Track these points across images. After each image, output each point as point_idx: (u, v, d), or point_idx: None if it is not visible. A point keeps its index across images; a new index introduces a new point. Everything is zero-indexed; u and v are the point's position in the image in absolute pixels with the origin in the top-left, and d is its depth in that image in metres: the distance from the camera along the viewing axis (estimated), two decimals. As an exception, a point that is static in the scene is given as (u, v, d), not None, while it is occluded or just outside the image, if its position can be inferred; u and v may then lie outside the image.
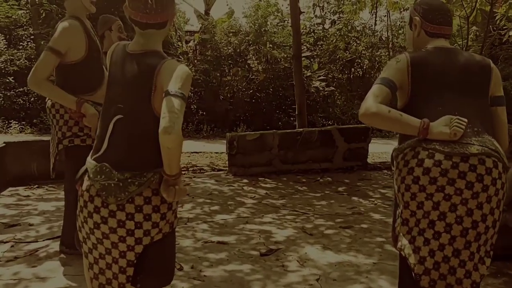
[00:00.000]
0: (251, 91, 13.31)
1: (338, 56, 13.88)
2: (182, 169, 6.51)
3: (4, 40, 11.39)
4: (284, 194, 5.31)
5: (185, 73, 1.73)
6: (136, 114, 1.78)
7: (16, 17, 11.89)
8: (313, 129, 6.61)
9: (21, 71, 10.91)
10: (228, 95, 13.27)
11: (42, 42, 11.03)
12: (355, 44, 14.13)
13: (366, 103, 1.90)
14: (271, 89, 13.54)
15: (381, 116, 1.86)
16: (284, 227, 4.13)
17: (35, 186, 5.36)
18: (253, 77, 13.47)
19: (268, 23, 13.90)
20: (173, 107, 1.61)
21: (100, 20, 4.48)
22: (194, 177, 6.07)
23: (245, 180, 5.91)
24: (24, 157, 5.50)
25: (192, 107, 13.15)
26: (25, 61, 11.25)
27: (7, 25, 11.89)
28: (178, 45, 13.22)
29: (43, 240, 3.61)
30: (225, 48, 12.98)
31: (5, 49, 11.25)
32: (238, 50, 13.18)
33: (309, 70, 13.03)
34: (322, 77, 13.20)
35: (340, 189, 5.66)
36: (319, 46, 14.41)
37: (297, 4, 7.03)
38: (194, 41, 13.19)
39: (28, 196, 5.03)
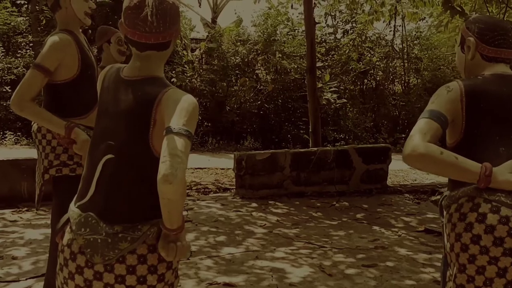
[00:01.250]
0: (259, 102, 12.86)
1: (350, 67, 13.41)
2: (186, 188, 6.19)
3: (2, 48, 11.03)
4: (297, 222, 4.81)
5: (191, 105, 1.43)
6: (130, 154, 1.50)
7: (15, 24, 11.56)
8: (329, 148, 6.12)
9: (19, 80, 10.51)
10: (235, 106, 12.83)
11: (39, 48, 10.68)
12: (368, 55, 13.65)
13: (412, 142, 1.54)
14: (280, 101, 13.10)
15: (432, 158, 1.52)
16: (299, 264, 3.63)
17: (24, 209, 4.91)
18: (262, 87, 13.04)
19: (278, 32, 13.48)
20: (176, 148, 1.32)
21: (98, 32, 4.06)
22: (198, 199, 5.58)
23: (254, 204, 5.41)
24: (13, 176, 5.07)
25: (198, 118, 12.73)
26: (23, 69, 10.90)
27: (6, 32, 11.55)
28: (183, 54, 12.81)
29: (26, 279, 3.20)
30: (232, 58, 12.56)
31: (3, 57, 10.90)
32: (246, 60, 12.75)
33: (320, 82, 12.54)
34: (333, 89, 12.71)
35: (358, 216, 5.14)
36: (331, 56, 13.95)
37: (312, 15, 6.56)
38: (200, 50, 12.78)
39: (15, 221, 4.59)
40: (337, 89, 12.85)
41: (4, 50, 11.03)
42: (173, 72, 12.05)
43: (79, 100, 2.66)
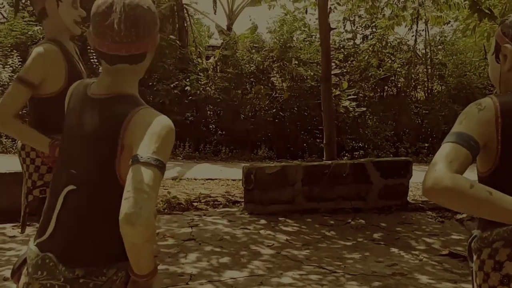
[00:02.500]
0: (274, 110, 12.54)
1: (370, 74, 12.97)
2: (195, 201, 5.87)
3: (19, 57, 11.00)
4: (308, 242, 4.46)
5: (165, 129, 1.24)
6: (94, 185, 1.32)
7: (32, 33, 11.52)
8: (344, 161, 5.75)
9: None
10: (250, 114, 12.55)
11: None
12: (389, 61, 13.20)
13: (434, 173, 1.23)
14: (296, 109, 12.75)
15: (459, 193, 1.21)
16: (307, 293, 3.29)
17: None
18: (277, 95, 12.72)
19: (294, 38, 13.17)
20: (142, 182, 1.14)
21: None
22: (204, 215, 5.27)
23: (263, 221, 5.07)
24: (14, 189, 4.86)
25: (211, 126, 12.48)
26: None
27: (23, 42, 11.52)
28: (198, 61, 12.60)
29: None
30: (247, 65, 12.28)
31: (19, 66, 10.85)
32: (261, 67, 12.46)
33: (338, 89, 12.18)
34: (352, 96, 12.33)
35: (376, 235, 4.76)
36: (350, 62, 13.56)
37: (327, 20, 6.22)
38: (214, 58, 12.56)
39: (14, 236, 4.40)
40: (355, 97, 12.46)
41: (21, 59, 10.99)
42: (188, 80, 11.84)
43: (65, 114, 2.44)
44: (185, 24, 13.51)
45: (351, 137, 12.52)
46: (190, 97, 11.81)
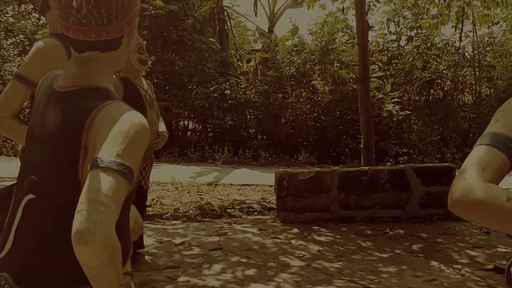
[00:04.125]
0: (315, 114, 12.30)
1: (415, 76, 12.48)
2: (228, 207, 5.75)
3: None
4: (341, 253, 4.21)
5: (133, 128, 1.05)
6: (55, 194, 1.12)
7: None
8: (382, 167, 5.45)
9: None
10: (291, 118, 12.35)
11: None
12: (435, 63, 12.64)
13: (464, 181, 0.99)
14: (338, 112, 12.46)
15: (494, 207, 0.97)
16: (336, 311, 3.07)
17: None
18: (318, 99, 12.47)
19: (337, 40, 12.88)
20: (99, 191, 0.96)
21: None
22: (234, 223, 5.13)
23: (295, 230, 4.87)
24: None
25: (251, 131, 12.37)
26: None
27: None
28: (238, 64, 12.54)
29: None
30: (287, 68, 12.10)
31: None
32: (302, 70, 12.24)
33: (381, 92, 11.77)
34: (396, 100, 11.88)
35: (415, 247, 4.45)
36: (394, 65, 13.10)
37: (365, 19, 5.95)
38: (255, 61, 12.46)
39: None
40: (399, 100, 12.01)
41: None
42: (227, 83, 11.82)
43: None
44: (226, 27, 13.51)
45: (395, 142, 12.07)
46: (230, 101, 11.78)
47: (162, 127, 3.73)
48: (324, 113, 12.47)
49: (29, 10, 13.33)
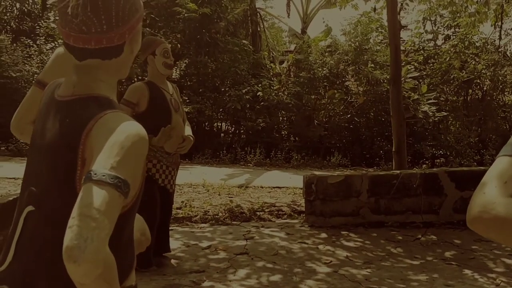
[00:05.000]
0: (349, 115, 12.14)
1: (452, 76, 12.09)
2: (258, 210, 5.73)
3: None
4: (370, 259, 4.12)
5: (130, 139, 1.01)
6: (53, 206, 1.08)
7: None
8: (414, 171, 5.29)
9: (122, 96, 10.95)
10: (324, 119, 12.23)
11: (132, 65, 11.07)
12: (473, 62, 12.21)
13: (483, 196, 0.91)
14: (372, 114, 12.24)
15: None
16: (362, 320, 2.99)
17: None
18: (352, 100, 12.29)
19: (371, 40, 12.65)
20: (90, 206, 0.92)
21: (143, 43, 3.82)
22: (262, 226, 5.10)
23: (324, 235, 4.80)
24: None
25: (283, 132, 12.32)
26: (125, 86, 11.37)
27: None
28: (271, 66, 12.52)
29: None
30: (320, 69, 11.97)
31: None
32: (335, 71, 12.10)
33: (417, 93, 11.48)
34: (432, 101, 11.56)
35: (447, 254, 4.30)
36: (430, 65, 12.75)
37: (396, 19, 5.81)
38: (287, 62, 12.41)
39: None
40: (436, 101, 11.68)
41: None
42: (260, 85, 11.82)
43: None
44: (258, 29, 13.53)
45: (431, 143, 11.75)
46: (262, 103, 11.78)
47: (188, 131, 3.74)
48: (358, 114, 12.28)
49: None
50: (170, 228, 4.83)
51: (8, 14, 14.14)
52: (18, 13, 15.02)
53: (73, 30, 1.09)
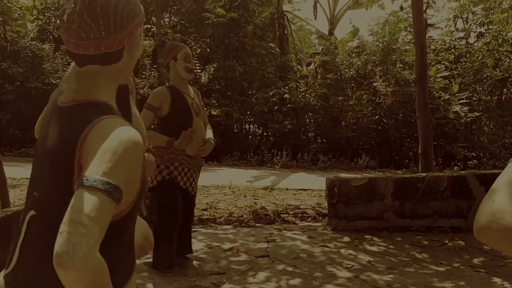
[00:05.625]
0: (377, 116, 11.96)
1: (485, 75, 11.72)
2: (282, 212, 5.71)
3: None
4: (393, 264, 4.03)
5: (123, 145, 1.01)
6: (53, 212, 1.07)
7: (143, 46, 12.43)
8: (441, 174, 5.15)
9: (143, 100, 11.17)
10: (351, 121, 12.09)
11: (164, 71, 11.26)
12: (507, 60, 11.81)
13: (493, 204, 0.87)
14: (401, 115, 12.01)
15: None
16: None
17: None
18: (380, 101, 12.10)
19: (399, 40, 12.43)
20: (81, 212, 0.92)
21: (166, 48, 3.89)
22: (284, 229, 5.08)
23: (346, 238, 4.73)
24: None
25: (310, 134, 12.25)
26: (148, 90, 11.54)
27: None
28: (298, 68, 12.48)
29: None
30: (347, 70, 11.84)
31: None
32: (362, 72, 11.94)
33: (448, 93, 11.20)
34: (464, 101, 11.25)
35: (476, 261, 4.16)
36: (462, 64, 12.41)
37: (422, 17, 5.69)
38: (314, 64, 12.34)
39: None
40: (468, 101, 11.36)
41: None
42: (286, 88, 11.80)
43: None
44: (286, 32, 13.52)
45: (463, 145, 11.43)
46: (289, 105, 11.76)
47: (209, 134, 3.77)
48: (386, 115, 12.08)
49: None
50: (194, 229, 4.92)
51: (51, 25, 14.73)
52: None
53: (73, 37, 1.11)
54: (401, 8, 8.27)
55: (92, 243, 0.91)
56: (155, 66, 12.53)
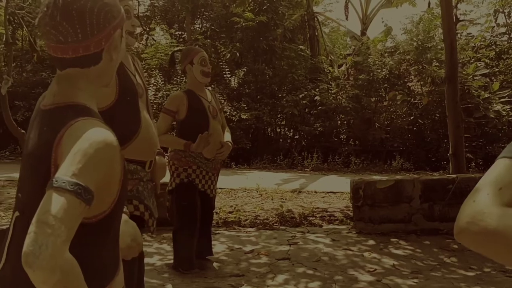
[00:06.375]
0: (412, 117, 11.63)
1: (529, 72, 11.22)
2: (309, 215, 5.64)
3: (161, 77, 12.08)
4: (419, 269, 3.88)
5: (94, 146, 1.03)
6: (34, 211, 1.04)
7: (174, 54, 12.64)
8: (472, 175, 4.94)
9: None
10: (385, 122, 11.82)
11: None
12: (553, 56, 11.25)
13: (473, 205, 0.81)
14: (438, 115, 11.63)
15: (506, 239, 0.76)
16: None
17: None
18: (415, 101, 11.77)
19: (436, 37, 12.05)
20: (47, 213, 0.93)
21: (182, 53, 3.92)
22: (308, 232, 5.00)
23: (371, 242, 4.61)
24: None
25: (341, 136, 12.06)
26: (179, 95, 11.72)
27: (167, 62, 12.66)
28: (329, 70, 12.32)
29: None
30: (379, 71, 11.59)
31: (163, 85, 11.90)
32: (396, 72, 11.65)
33: (488, 91, 10.76)
34: (506, 99, 10.79)
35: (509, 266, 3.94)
36: (503, 60, 11.89)
37: (452, 13, 5.49)
38: (346, 65, 12.15)
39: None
40: (510, 99, 10.87)
41: (163, 79, 12.08)
42: (317, 90, 11.68)
43: (116, 130, 2.41)
44: (316, 33, 13.41)
45: (505, 145, 10.89)
46: (320, 107, 11.63)
47: (227, 137, 3.77)
48: (422, 116, 11.73)
49: (142, 32, 14.44)
50: (217, 232, 4.93)
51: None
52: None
53: (52, 41, 1.13)
54: (429, 4, 8.00)
55: (58, 243, 0.92)
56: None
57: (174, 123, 3.72)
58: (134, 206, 2.50)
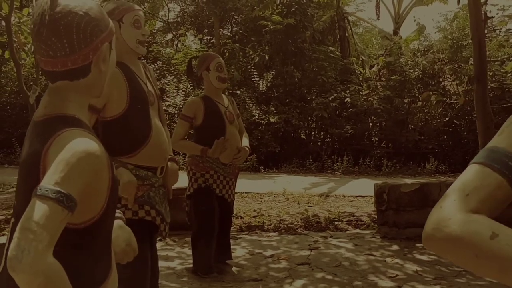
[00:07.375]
0: (447, 118, 11.28)
1: None
2: (335, 219, 5.57)
3: (190, 82, 12.22)
4: (442, 275, 3.76)
5: (76, 155, 1.07)
6: None
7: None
8: (502, 178, 4.72)
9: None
10: (419, 123, 11.52)
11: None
12: None
13: (440, 211, 0.79)
14: (475, 115, 11.21)
15: (470, 246, 0.73)
16: None
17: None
18: (451, 101, 11.42)
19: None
20: (30, 219, 0.98)
21: (198, 59, 3.97)
22: (330, 236, 4.93)
23: (395, 247, 4.50)
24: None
25: (373, 139, 11.83)
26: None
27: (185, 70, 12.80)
28: (360, 71, 12.13)
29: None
30: (411, 71, 11.30)
31: (192, 89, 12.04)
32: (429, 71, 11.34)
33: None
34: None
35: (540, 273, 3.75)
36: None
37: (480, 9, 5.29)
38: (378, 66, 11.93)
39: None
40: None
41: (192, 84, 12.22)
42: (347, 91, 11.53)
43: (127, 137, 2.47)
44: (346, 34, 13.24)
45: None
46: (350, 109, 11.46)
47: (245, 142, 3.79)
48: (458, 116, 11.36)
49: (172, 38, 14.69)
50: (238, 236, 4.95)
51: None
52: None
53: (42, 55, 1.19)
54: (458, 1, 7.75)
55: (40, 249, 0.96)
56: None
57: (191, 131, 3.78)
58: (145, 211, 2.54)
